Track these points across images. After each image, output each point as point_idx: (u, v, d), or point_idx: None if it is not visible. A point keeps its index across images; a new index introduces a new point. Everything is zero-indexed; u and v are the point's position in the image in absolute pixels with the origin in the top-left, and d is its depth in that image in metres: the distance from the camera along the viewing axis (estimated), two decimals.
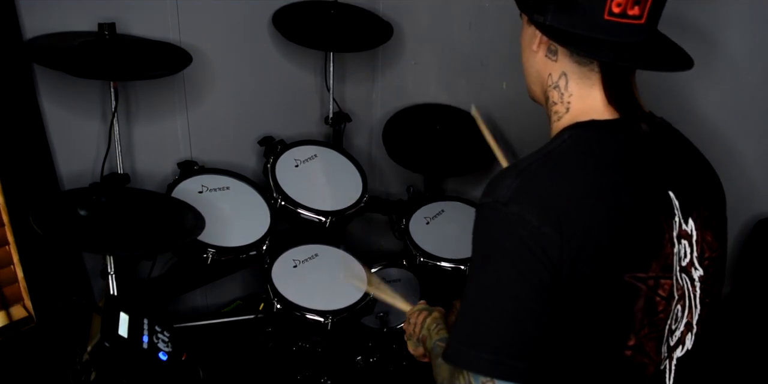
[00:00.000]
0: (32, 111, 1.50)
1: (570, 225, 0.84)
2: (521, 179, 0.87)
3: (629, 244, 0.89)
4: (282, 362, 1.81)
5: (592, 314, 0.89)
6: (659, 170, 0.95)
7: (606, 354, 0.92)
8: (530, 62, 1.01)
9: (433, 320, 1.19)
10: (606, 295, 0.88)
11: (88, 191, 1.48)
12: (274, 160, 1.84)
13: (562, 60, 0.95)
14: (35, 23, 1.46)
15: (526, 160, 0.91)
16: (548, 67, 0.98)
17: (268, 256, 1.74)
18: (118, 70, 1.43)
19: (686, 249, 0.96)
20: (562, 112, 0.98)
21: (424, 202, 2.01)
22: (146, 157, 1.79)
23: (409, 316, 1.26)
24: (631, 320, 0.91)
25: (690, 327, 0.99)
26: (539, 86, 1.02)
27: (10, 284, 1.63)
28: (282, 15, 1.87)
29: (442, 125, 2.07)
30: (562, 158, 0.90)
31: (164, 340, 1.34)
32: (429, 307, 1.26)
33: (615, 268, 0.88)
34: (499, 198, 0.86)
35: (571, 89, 0.96)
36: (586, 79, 0.95)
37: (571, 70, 0.95)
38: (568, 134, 0.93)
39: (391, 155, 2.01)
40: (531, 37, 0.97)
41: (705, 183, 1.03)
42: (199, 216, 1.52)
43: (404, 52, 2.18)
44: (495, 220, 0.86)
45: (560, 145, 0.92)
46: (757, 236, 1.53)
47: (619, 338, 0.91)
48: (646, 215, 0.91)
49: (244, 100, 1.97)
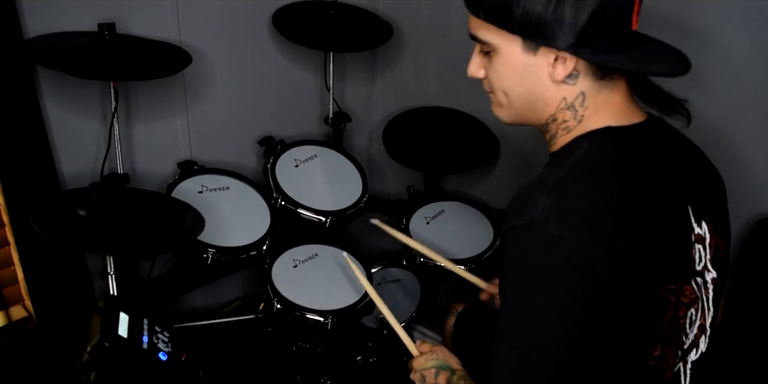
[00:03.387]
0: (33, 111, 1.50)
1: (610, 239, 0.81)
2: (555, 195, 0.83)
3: (663, 257, 0.88)
4: (282, 362, 1.81)
5: (623, 327, 0.87)
6: (675, 175, 0.95)
7: (631, 364, 0.91)
8: (533, 91, 0.94)
9: (460, 378, 1.08)
10: (638, 308, 0.87)
11: (88, 191, 1.48)
12: (274, 160, 1.84)
13: (583, 81, 0.91)
14: (36, 23, 1.46)
15: (552, 174, 0.88)
16: (561, 93, 0.93)
17: (268, 256, 1.74)
18: (118, 70, 1.43)
19: (701, 252, 0.95)
20: (573, 125, 0.95)
21: (424, 202, 2.01)
22: (146, 157, 1.79)
23: (422, 372, 1.13)
24: (659, 331, 0.90)
25: (703, 329, 0.98)
26: (539, 113, 0.97)
27: (11, 284, 1.63)
28: (282, 15, 1.87)
29: (442, 125, 2.07)
30: (591, 171, 0.88)
31: (164, 340, 1.34)
32: (445, 363, 1.13)
33: (650, 281, 0.87)
34: (535, 218, 0.82)
35: (587, 104, 0.93)
36: (606, 89, 0.92)
37: (590, 88, 0.92)
38: (588, 143, 0.91)
39: (391, 154, 2.01)
40: (538, 70, 0.91)
41: (712, 183, 1.03)
42: (199, 216, 1.52)
43: (404, 52, 2.18)
44: (534, 243, 0.82)
45: (584, 157, 0.89)
46: (757, 236, 1.53)
47: (645, 349, 0.91)
48: (674, 224, 0.91)
49: (244, 100, 1.97)
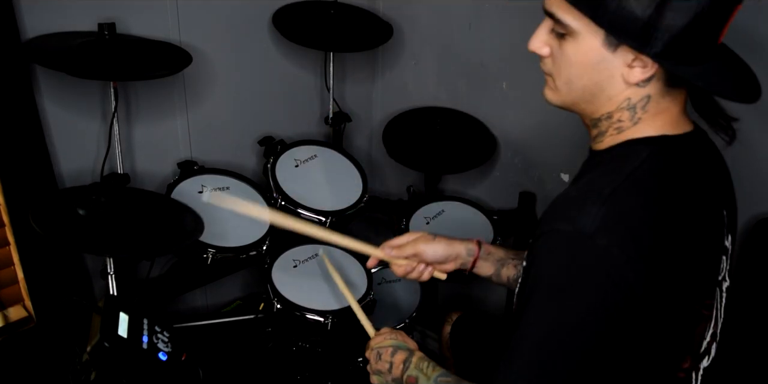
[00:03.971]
0: (30, 111, 1.50)
1: (656, 257, 0.80)
2: (608, 207, 0.80)
3: (702, 273, 0.88)
4: (282, 362, 1.81)
5: (658, 341, 0.87)
6: (718, 189, 0.94)
7: (662, 376, 0.91)
8: (600, 86, 0.89)
9: (421, 359, 1.11)
10: (675, 323, 0.87)
11: (87, 191, 1.48)
12: (274, 160, 1.84)
13: (653, 86, 0.87)
14: (35, 23, 1.46)
15: (606, 182, 0.85)
16: (628, 93, 0.88)
17: (268, 256, 1.74)
18: (118, 70, 1.43)
19: (723, 264, 0.95)
20: (627, 126, 0.91)
21: (424, 202, 2.01)
22: (146, 157, 1.79)
23: (378, 349, 1.17)
24: (691, 343, 0.90)
25: (715, 336, 0.98)
26: (597, 107, 0.92)
27: (11, 284, 1.63)
28: (282, 15, 1.87)
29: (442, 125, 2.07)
30: (647, 183, 0.85)
31: (164, 340, 1.34)
32: (402, 343, 1.17)
33: (690, 297, 0.86)
34: (584, 228, 0.79)
35: (648, 108, 0.89)
36: (670, 96, 0.89)
37: (657, 93, 0.88)
38: (646, 152, 0.87)
39: (391, 154, 2.01)
40: (613, 67, 0.86)
41: (733, 194, 1.02)
42: (198, 219, 1.52)
43: (404, 52, 2.18)
44: (577, 253, 0.80)
45: (641, 166, 0.86)
46: (757, 236, 1.53)
47: (677, 361, 0.90)
48: (712, 239, 0.90)
49: (244, 100, 1.97)
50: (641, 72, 0.85)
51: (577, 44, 0.86)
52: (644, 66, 0.84)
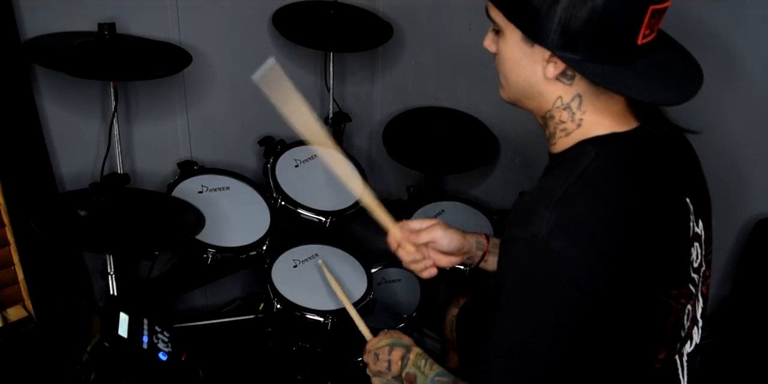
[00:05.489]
0: (30, 111, 1.50)
1: (614, 254, 0.80)
2: (559, 209, 0.81)
3: (665, 265, 0.88)
4: (282, 362, 1.81)
5: (627, 336, 0.87)
6: (677, 178, 0.94)
7: (638, 370, 0.91)
8: (529, 82, 0.91)
9: (419, 356, 1.12)
10: (641, 316, 0.87)
11: (87, 191, 1.48)
12: (274, 160, 1.84)
13: (579, 84, 0.87)
14: (35, 23, 1.46)
15: (557, 184, 0.85)
16: (557, 90, 0.89)
17: (268, 256, 1.74)
18: (118, 70, 1.43)
19: (698, 250, 0.95)
20: (571, 128, 0.91)
21: (424, 202, 2.01)
22: (146, 157, 1.79)
23: (375, 350, 1.19)
24: (663, 335, 0.91)
25: (696, 321, 0.99)
26: (536, 103, 0.93)
27: (10, 284, 1.63)
28: (282, 15, 1.87)
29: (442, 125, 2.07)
30: (597, 181, 0.85)
31: (164, 340, 1.34)
32: (398, 340, 1.18)
33: (652, 290, 0.86)
34: (538, 233, 0.80)
35: (585, 108, 0.89)
36: (605, 95, 0.88)
37: (587, 91, 0.88)
38: (594, 151, 0.87)
39: (391, 154, 2.01)
40: (534, 62, 0.88)
41: (702, 179, 1.03)
42: (199, 214, 1.52)
43: (404, 52, 2.18)
44: (536, 258, 0.81)
45: (590, 164, 0.86)
46: (757, 236, 1.53)
47: (651, 354, 0.91)
48: (676, 228, 0.90)
49: (244, 100, 1.97)
50: (554, 67, 0.86)
51: (505, 40, 0.90)
52: (556, 61, 0.85)
